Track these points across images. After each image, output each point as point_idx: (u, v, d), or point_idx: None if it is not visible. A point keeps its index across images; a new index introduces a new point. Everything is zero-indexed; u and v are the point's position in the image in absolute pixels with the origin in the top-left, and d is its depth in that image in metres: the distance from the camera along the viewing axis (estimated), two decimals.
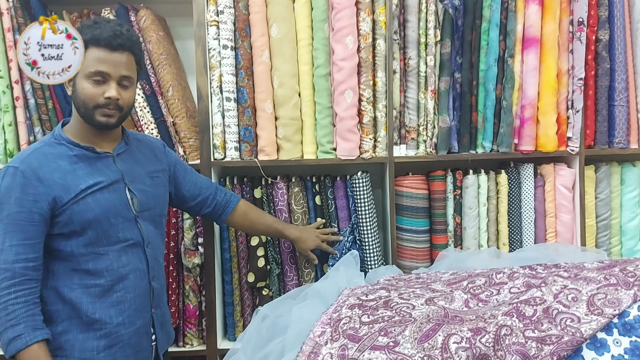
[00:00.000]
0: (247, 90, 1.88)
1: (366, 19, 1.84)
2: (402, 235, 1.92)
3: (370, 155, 1.88)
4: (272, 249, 1.92)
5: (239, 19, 1.87)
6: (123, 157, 1.48)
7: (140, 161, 1.53)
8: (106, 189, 1.40)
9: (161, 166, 1.59)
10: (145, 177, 1.51)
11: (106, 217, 1.39)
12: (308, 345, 0.99)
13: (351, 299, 1.10)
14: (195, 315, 1.91)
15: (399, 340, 0.94)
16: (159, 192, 1.54)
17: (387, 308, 1.03)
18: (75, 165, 1.39)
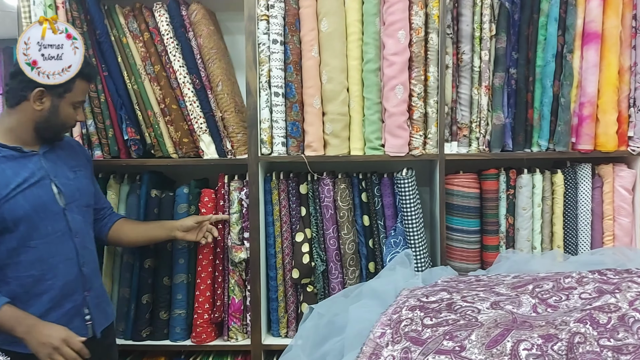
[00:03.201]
0: (296, 86, 1.86)
1: (419, 12, 1.80)
2: (451, 235, 1.87)
3: (420, 152, 1.83)
4: (317, 245, 1.90)
5: (289, 13, 1.85)
6: (48, 155, 1.57)
7: (63, 158, 1.62)
8: (34, 185, 1.50)
9: (81, 161, 1.70)
10: (69, 172, 1.61)
11: (36, 211, 1.49)
12: (368, 346, 0.96)
13: (411, 300, 1.06)
14: (240, 309, 1.91)
15: (465, 345, 0.90)
16: (82, 184, 1.64)
17: (451, 311, 1.00)
18: (4, 165, 1.48)
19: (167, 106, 1.90)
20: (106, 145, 1.92)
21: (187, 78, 1.89)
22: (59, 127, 1.56)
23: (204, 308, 1.90)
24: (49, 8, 1.83)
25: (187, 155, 1.93)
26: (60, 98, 1.52)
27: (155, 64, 1.90)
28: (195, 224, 1.82)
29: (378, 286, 1.18)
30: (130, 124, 1.91)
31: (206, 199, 1.93)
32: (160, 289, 1.91)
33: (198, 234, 1.84)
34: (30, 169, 1.51)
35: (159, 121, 1.91)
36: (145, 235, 1.82)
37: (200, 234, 1.84)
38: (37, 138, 1.55)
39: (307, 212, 1.91)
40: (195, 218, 1.84)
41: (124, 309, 1.92)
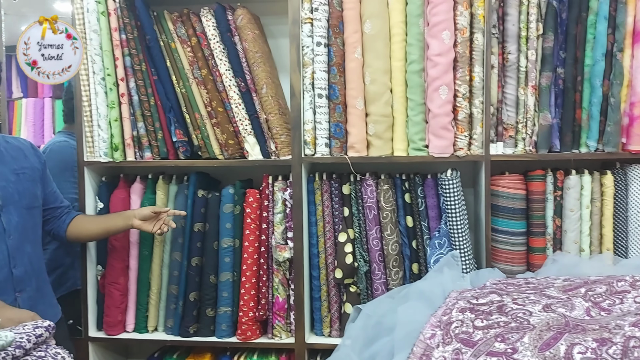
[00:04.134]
0: (339, 87, 1.88)
1: (464, 12, 1.79)
2: (496, 237, 1.86)
3: (465, 153, 1.82)
4: (359, 246, 1.91)
5: (332, 16, 1.87)
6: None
7: (6, 160, 1.65)
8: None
9: (29, 164, 1.71)
10: (10, 174, 1.64)
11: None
12: (419, 347, 0.97)
13: (461, 302, 1.07)
14: (284, 308, 1.94)
15: (517, 348, 0.90)
16: (24, 187, 1.66)
17: (502, 313, 0.99)
18: None
19: (214, 109, 1.95)
20: (155, 147, 1.98)
21: (232, 81, 1.93)
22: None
23: (249, 306, 1.94)
24: (101, 15, 1.91)
25: (233, 157, 1.97)
26: None
27: (203, 68, 1.95)
28: (152, 213, 1.84)
29: (425, 287, 1.18)
30: (179, 126, 1.96)
31: (251, 199, 1.96)
32: (206, 286, 1.96)
33: (155, 225, 1.85)
34: None
35: (205, 123, 1.96)
36: (104, 226, 1.85)
37: (157, 226, 1.85)
38: None
39: (349, 212, 1.92)
40: (153, 208, 1.87)
41: (171, 305, 1.98)
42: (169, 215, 1.89)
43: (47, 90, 3.33)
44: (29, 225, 1.70)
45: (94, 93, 1.92)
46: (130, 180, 2.05)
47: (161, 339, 1.98)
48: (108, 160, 1.95)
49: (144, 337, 1.99)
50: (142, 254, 2.00)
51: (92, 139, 1.96)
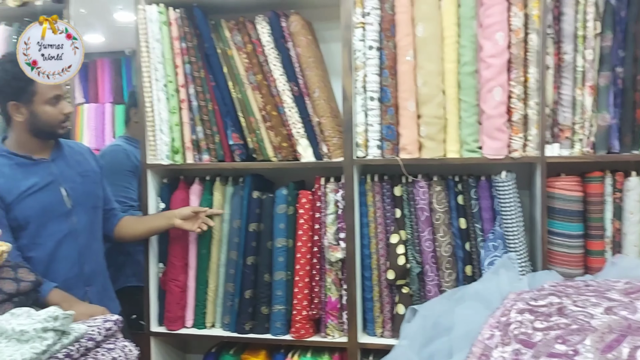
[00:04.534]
0: (391, 90, 1.90)
1: (518, 13, 1.77)
2: (552, 240, 1.83)
3: (519, 155, 1.81)
4: (412, 247, 1.93)
5: (384, 19, 1.89)
6: (57, 161, 1.76)
7: (72, 164, 1.79)
8: (43, 189, 1.69)
9: (91, 167, 1.87)
10: (77, 177, 1.78)
11: (44, 212, 1.68)
12: (477, 347, 0.98)
13: (519, 303, 1.07)
14: (337, 308, 1.97)
15: (579, 350, 0.90)
16: (89, 189, 1.81)
17: (562, 315, 1.00)
18: (15, 171, 1.67)
19: (268, 113, 2.01)
20: (213, 150, 2.06)
21: (286, 86, 1.99)
22: (48, 126, 1.70)
23: (302, 305, 1.98)
24: (163, 25, 2.00)
25: (286, 159, 2.02)
26: (31, 103, 1.66)
27: (257, 74, 2.01)
28: (192, 212, 1.95)
29: (482, 289, 1.19)
30: (235, 130, 2.03)
31: (303, 200, 2.01)
32: (261, 285, 2.02)
33: (194, 223, 1.95)
34: (40, 175, 1.70)
35: (260, 127, 2.02)
36: (148, 227, 1.98)
37: (196, 224, 1.95)
38: (43, 145, 1.74)
39: (401, 214, 1.94)
40: (193, 208, 1.98)
41: (228, 302, 2.06)
42: (207, 215, 2.00)
43: (108, 95, 3.50)
44: (95, 225, 1.86)
45: (156, 99, 2.02)
46: (190, 182, 2.13)
47: (218, 335, 2.06)
48: (169, 163, 2.04)
49: (202, 333, 2.07)
50: (201, 253, 2.08)
51: (155, 143, 2.05)
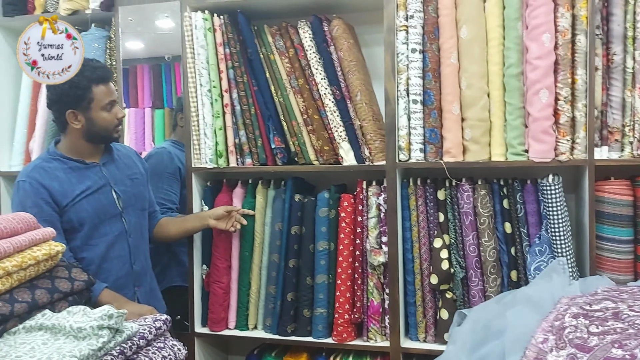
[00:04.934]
0: (434, 92, 1.89)
1: (565, 14, 1.74)
2: (601, 245, 1.78)
3: (567, 158, 1.77)
4: (455, 252, 1.90)
5: (427, 22, 1.89)
6: (108, 165, 1.83)
7: (121, 167, 1.87)
8: (96, 192, 1.76)
9: (138, 169, 1.93)
10: (126, 180, 1.85)
11: (97, 214, 1.74)
12: (531, 350, 0.97)
13: (573, 307, 1.05)
14: (379, 312, 1.97)
15: (636, 354, 0.88)
16: (138, 191, 1.88)
17: (618, 320, 0.97)
18: (69, 175, 1.74)
19: (310, 116, 2.02)
20: (255, 154, 2.08)
21: (328, 89, 2.00)
22: (103, 132, 1.77)
23: (344, 308, 1.98)
24: (208, 31, 2.04)
25: (328, 162, 2.03)
26: (88, 110, 1.72)
27: (299, 78, 2.03)
28: (225, 212, 1.98)
29: (533, 293, 1.17)
30: (277, 133, 2.06)
31: (345, 204, 2.02)
32: (303, 288, 2.03)
33: (228, 223, 1.98)
34: (93, 178, 1.77)
35: (302, 130, 2.04)
36: (183, 227, 2.02)
37: (230, 223, 1.99)
38: (95, 149, 1.80)
39: (445, 218, 1.92)
40: (225, 207, 2.01)
41: (270, 305, 2.07)
42: (240, 214, 2.03)
43: (147, 100, 3.58)
44: (143, 226, 1.92)
45: (201, 104, 2.06)
46: (232, 185, 2.17)
47: (260, 336, 2.08)
48: (213, 166, 2.08)
49: (244, 335, 2.10)
50: (243, 255, 2.10)
51: (199, 147, 2.10)
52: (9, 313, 1.25)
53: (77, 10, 2.24)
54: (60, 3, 2.26)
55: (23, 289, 1.33)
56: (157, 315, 1.47)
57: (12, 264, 1.28)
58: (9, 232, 1.32)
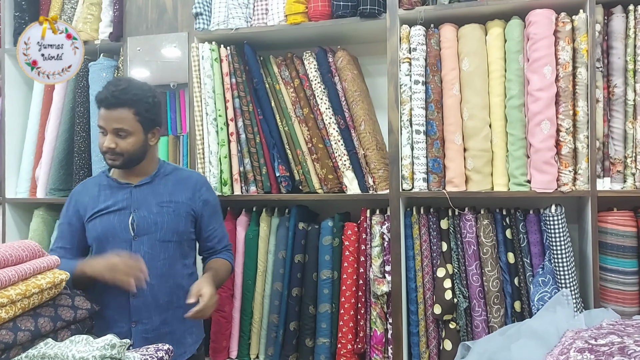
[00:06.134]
0: (437, 123, 1.91)
1: (566, 47, 1.78)
2: (605, 276, 1.78)
3: (569, 189, 1.78)
4: (459, 281, 1.90)
5: (430, 54, 1.92)
6: (142, 188, 1.73)
7: (158, 192, 1.73)
8: (112, 212, 1.69)
9: (182, 199, 1.75)
10: (153, 206, 1.71)
11: (105, 235, 1.67)
12: None
13: (578, 342, 1.04)
14: (382, 342, 1.95)
15: None
16: (164, 220, 1.70)
17: (624, 355, 0.97)
18: (101, 192, 1.73)
19: (314, 145, 2.04)
20: (260, 182, 2.10)
21: (332, 119, 2.03)
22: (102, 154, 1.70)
23: (347, 338, 1.97)
24: (215, 61, 2.08)
25: (332, 191, 2.04)
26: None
27: (304, 107, 2.06)
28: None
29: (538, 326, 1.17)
30: (282, 162, 2.08)
31: (349, 232, 2.02)
32: (306, 317, 2.02)
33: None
34: (117, 199, 1.71)
35: (306, 159, 2.06)
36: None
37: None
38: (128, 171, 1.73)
39: (448, 247, 1.92)
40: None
41: (272, 334, 2.06)
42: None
43: None
44: (162, 259, 1.69)
45: (206, 132, 2.09)
46: (237, 212, 2.17)
47: None
48: (218, 194, 2.09)
49: None
50: (246, 283, 2.10)
51: (204, 175, 2.11)
52: (12, 341, 1.24)
53: (86, 40, 2.28)
54: None
55: (26, 317, 1.32)
56: (159, 345, 1.46)
57: (16, 292, 1.27)
58: (14, 260, 1.33)
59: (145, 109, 1.67)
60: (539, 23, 1.79)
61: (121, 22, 2.24)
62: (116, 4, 2.23)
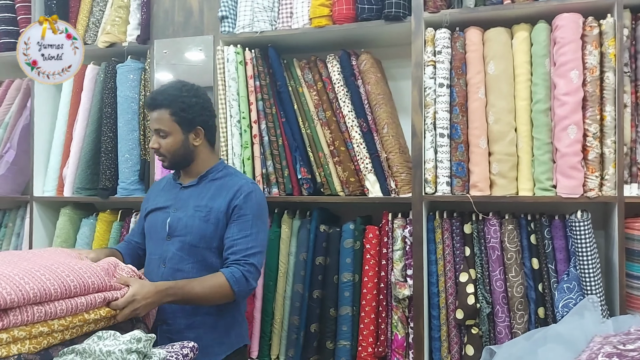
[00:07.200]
0: (461, 127, 1.91)
1: (593, 52, 1.76)
2: (631, 283, 1.75)
3: (595, 194, 1.76)
4: (482, 287, 1.88)
5: (455, 57, 1.92)
6: (189, 189, 1.78)
7: (198, 195, 1.75)
8: (158, 211, 1.78)
9: (217, 205, 1.69)
10: (190, 208, 1.72)
11: (149, 232, 1.81)
12: None
13: (607, 347, 1.03)
14: (403, 346, 1.94)
15: None
16: (194, 224, 1.69)
17: None
18: (163, 190, 1.85)
19: (336, 148, 2.05)
20: (282, 184, 2.11)
21: (355, 122, 2.03)
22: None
23: (367, 341, 1.97)
24: (239, 64, 2.10)
25: (353, 194, 2.04)
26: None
27: (327, 110, 2.07)
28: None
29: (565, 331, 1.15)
30: (303, 164, 2.09)
31: (370, 235, 2.02)
32: (326, 319, 2.02)
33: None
34: (166, 198, 1.80)
35: (328, 162, 2.06)
36: None
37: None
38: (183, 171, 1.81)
39: (471, 252, 1.91)
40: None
41: (293, 335, 2.06)
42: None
43: None
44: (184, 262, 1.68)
45: (230, 134, 2.11)
46: None
47: None
48: None
49: None
50: (267, 284, 2.11)
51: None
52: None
53: (114, 42, 2.33)
54: (98, 36, 2.35)
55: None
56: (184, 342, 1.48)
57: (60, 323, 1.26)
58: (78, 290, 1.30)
59: (181, 108, 1.71)
60: (565, 27, 1.78)
61: (148, 25, 2.28)
62: (144, 7, 2.27)
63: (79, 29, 2.38)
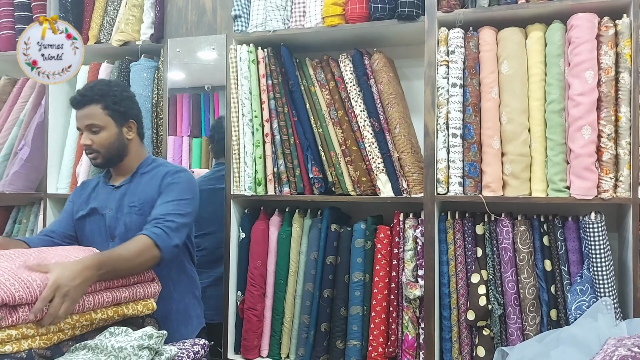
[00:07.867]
0: (474, 127, 1.90)
1: (608, 52, 1.74)
2: None
3: (610, 196, 1.74)
4: (493, 288, 1.87)
5: (468, 57, 1.90)
6: (121, 189, 1.77)
7: (131, 192, 1.76)
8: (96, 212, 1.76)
9: (149, 195, 1.73)
10: (125, 207, 1.73)
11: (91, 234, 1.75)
12: None
13: (621, 349, 1.02)
14: (413, 346, 1.94)
15: None
16: (132, 220, 1.72)
17: None
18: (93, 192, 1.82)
19: (348, 147, 2.05)
20: (293, 183, 2.11)
21: (367, 121, 2.03)
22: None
23: (378, 341, 1.96)
24: (252, 63, 2.11)
25: (365, 193, 2.04)
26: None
27: (339, 110, 2.07)
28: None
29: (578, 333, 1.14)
30: (315, 163, 2.09)
31: (382, 235, 2.02)
32: (337, 318, 2.02)
33: None
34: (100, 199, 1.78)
35: (340, 161, 2.06)
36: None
37: None
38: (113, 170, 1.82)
39: (483, 253, 1.90)
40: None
41: (303, 334, 2.07)
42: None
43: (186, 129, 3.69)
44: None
45: (242, 133, 2.12)
46: (270, 213, 2.19)
47: None
48: (251, 194, 2.12)
49: None
50: (278, 283, 2.11)
51: (239, 175, 2.14)
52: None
53: (128, 41, 2.34)
54: (112, 34, 2.37)
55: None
56: (195, 339, 1.48)
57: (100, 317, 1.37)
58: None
59: (113, 102, 1.73)
60: (580, 27, 1.76)
61: (162, 23, 2.30)
62: (157, 6, 2.29)
63: (94, 28, 2.41)
